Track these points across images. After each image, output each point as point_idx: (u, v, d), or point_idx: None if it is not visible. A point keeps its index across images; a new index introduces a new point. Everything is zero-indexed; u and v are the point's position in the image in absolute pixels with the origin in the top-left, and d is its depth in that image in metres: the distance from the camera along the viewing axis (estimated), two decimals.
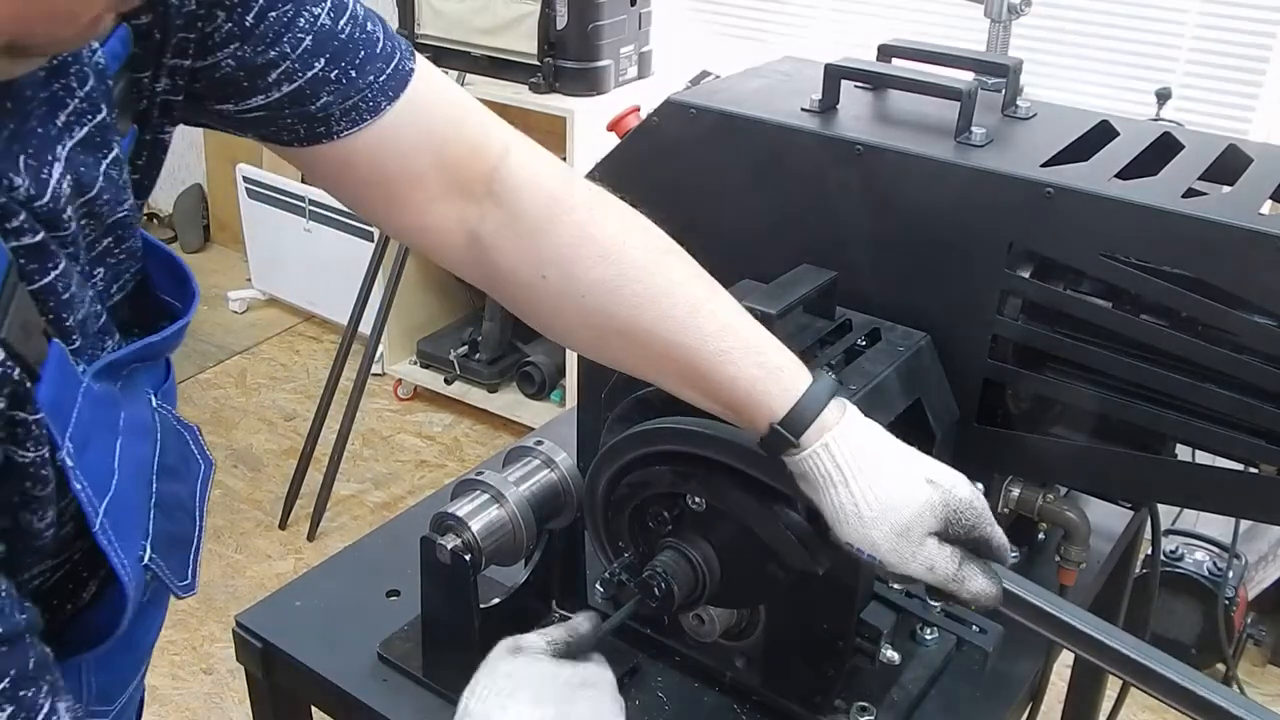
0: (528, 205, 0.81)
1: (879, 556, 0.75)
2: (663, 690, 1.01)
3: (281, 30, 0.70)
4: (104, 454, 0.63)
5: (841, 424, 0.76)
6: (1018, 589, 0.77)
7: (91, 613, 0.70)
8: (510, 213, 0.81)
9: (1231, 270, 0.87)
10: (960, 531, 0.76)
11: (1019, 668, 1.07)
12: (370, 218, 0.85)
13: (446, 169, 0.80)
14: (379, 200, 0.81)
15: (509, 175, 0.81)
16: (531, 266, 0.81)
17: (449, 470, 3.06)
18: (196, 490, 0.75)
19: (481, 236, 0.82)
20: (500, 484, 0.97)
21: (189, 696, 2.33)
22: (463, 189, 0.81)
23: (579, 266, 0.80)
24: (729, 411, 0.80)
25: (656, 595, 0.87)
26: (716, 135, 1.08)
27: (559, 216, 0.81)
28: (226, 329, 3.75)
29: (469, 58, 2.86)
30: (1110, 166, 0.97)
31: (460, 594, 0.94)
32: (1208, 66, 2.33)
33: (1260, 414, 0.88)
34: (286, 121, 0.74)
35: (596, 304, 0.80)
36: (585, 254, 0.80)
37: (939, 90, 1.05)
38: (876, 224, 1.02)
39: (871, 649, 0.91)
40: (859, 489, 0.75)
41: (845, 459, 0.75)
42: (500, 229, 0.81)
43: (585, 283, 0.80)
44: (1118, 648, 0.74)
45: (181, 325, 0.70)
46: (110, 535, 0.62)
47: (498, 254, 0.82)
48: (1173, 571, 2.27)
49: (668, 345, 0.79)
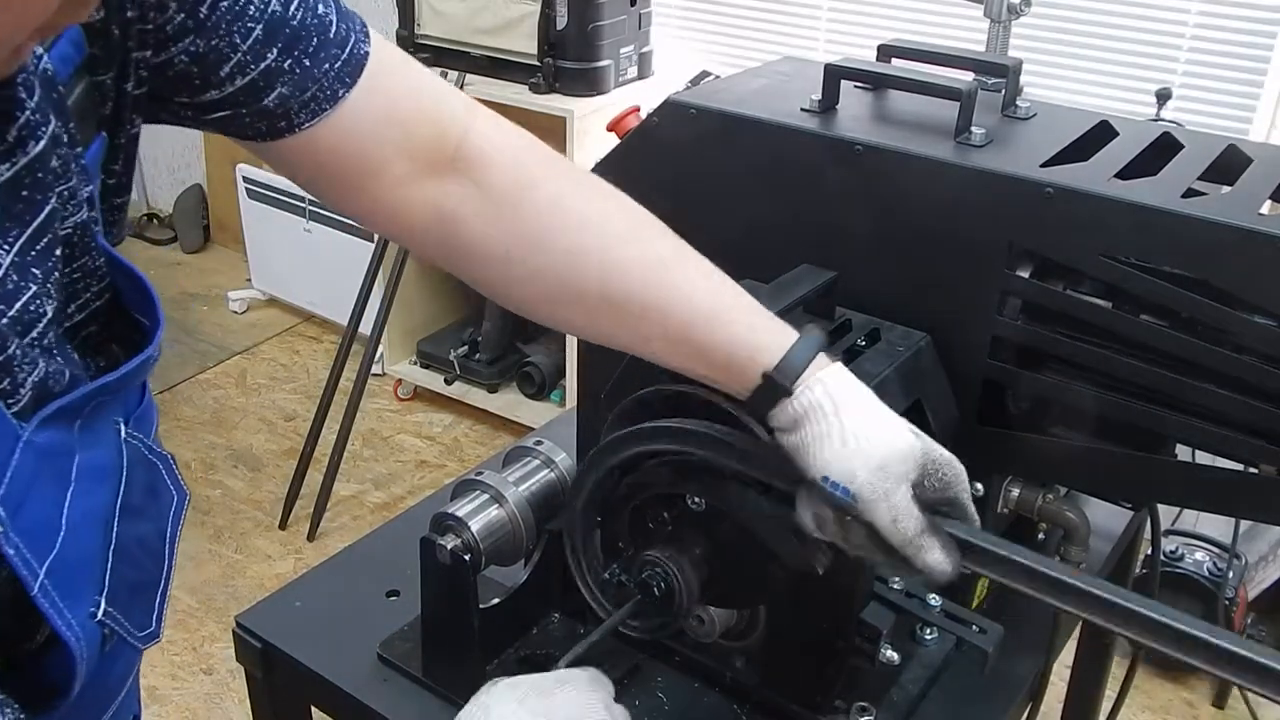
0: (497, 175, 0.80)
1: (853, 488, 0.74)
2: (663, 690, 1.01)
3: (233, 20, 0.67)
4: (48, 508, 0.58)
5: (831, 368, 0.77)
6: (987, 544, 0.77)
7: (46, 660, 0.64)
8: (478, 184, 0.79)
9: (1231, 270, 0.87)
10: (936, 486, 0.76)
11: (1019, 668, 1.07)
12: (335, 204, 0.82)
13: (410, 149, 0.78)
14: (344, 185, 0.79)
15: (474, 147, 0.80)
16: (500, 242, 0.80)
17: (449, 470, 3.06)
18: (167, 526, 0.71)
19: (449, 212, 0.80)
20: (500, 484, 0.97)
21: (189, 696, 2.33)
22: (428, 167, 0.79)
23: (550, 239, 0.79)
24: (716, 370, 0.79)
25: (656, 595, 0.87)
26: (716, 135, 1.08)
27: (533, 184, 0.80)
28: (226, 329, 3.75)
29: (469, 58, 2.86)
30: (1110, 166, 0.97)
31: (460, 594, 0.94)
32: (1208, 66, 2.33)
33: (1260, 414, 0.88)
34: (246, 119, 0.72)
35: (574, 277, 0.79)
36: (556, 227, 0.79)
37: (939, 90, 1.05)
38: (876, 224, 1.02)
39: (871, 649, 0.91)
40: (847, 419, 0.75)
41: (835, 393, 0.76)
42: (468, 201, 0.80)
43: (563, 247, 0.79)
44: (1098, 593, 0.72)
45: (141, 360, 0.64)
46: (54, 596, 0.58)
47: (466, 227, 0.80)
48: (1173, 571, 2.27)
49: (652, 307, 0.79)
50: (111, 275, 0.66)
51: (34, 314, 0.58)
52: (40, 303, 0.58)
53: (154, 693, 2.31)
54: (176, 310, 3.84)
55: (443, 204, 0.80)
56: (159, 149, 4.32)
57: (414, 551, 0.96)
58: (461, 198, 0.80)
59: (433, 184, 0.80)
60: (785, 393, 0.76)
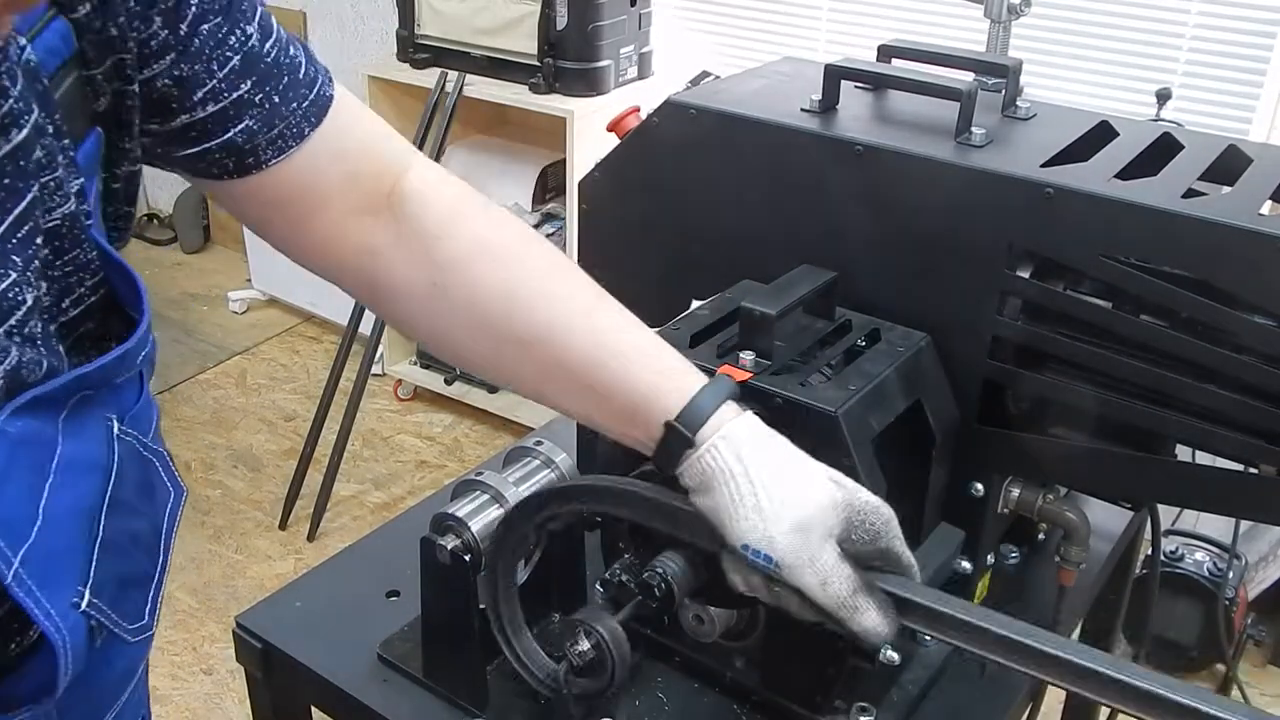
0: (425, 215, 0.81)
1: (775, 556, 0.71)
2: (663, 690, 1.01)
3: (215, 46, 0.69)
4: (23, 497, 0.58)
5: (739, 420, 0.75)
6: (924, 600, 0.73)
7: (35, 658, 0.65)
8: (408, 223, 0.81)
9: (1231, 270, 0.87)
10: (864, 537, 0.73)
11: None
12: (277, 241, 0.83)
13: (353, 190, 0.80)
14: (289, 222, 0.81)
15: (408, 187, 0.82)
16: (425, 274, 0.81)
17: (449, 470, 3.06)
18: (163, 522, 0.72)
19: (377, 250, 0.81)
20: (500, 484, 0.97)
21: (189, 696, 2.33)
22: (365, 206, 0.81)
23: (475, 273, 0.80)
24: (618, 419, 0.79)
25: (656, 595, 0.87)
26: (716, 136, 1.08)
27: (456, 224, 0.82)
28: (226, 329, 3.75)
29: (469, 58, 2.86)
30: (1110, 167, 0.97)
31: (460, 594, 0.94)
32: (1208, 66, 2.33)
33: (1260, 414, 0.88)
34: (215, 154, 0.73)
35: (492, 311, 0.80)
36: (482, 261, 0.81)
37: (939, 91, 1.05)
38: (876, 224, 1.02)
39: (872, 649, 0.91)
40: (759, 478, 0.72)
41: (744, 452, 0.73)
42: (397, 240, 0.81)
43: (481, 289, 0.80)
44: (1038, 646, 0.69)
45: (120, 353, 0.64)
46: (29, 585, 0.58)
47: (392, 265, 0.81)
48: (1173, 572, 2.27)
49: (564, 352, 0.79)
50: (105, 270, 0.67)
51: (11, 301, 0.58)
52: (19, 290, 0.58)
53: (154, 693, 2.30)
54: (176, 310, 3.84)
55: (370, 241, 0.82)
56: None
57: (414, 551, 0.96)
58: (389, 233, 0.81)
59: (366, 222, 0.81)
60: (688, 443, 0.74)
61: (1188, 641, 2.31)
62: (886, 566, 0.74)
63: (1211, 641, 2.26)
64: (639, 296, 1.15)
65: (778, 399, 0.87)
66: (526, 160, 3.08)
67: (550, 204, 3.03)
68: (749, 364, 0.90)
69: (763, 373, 0.90)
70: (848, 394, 0.88)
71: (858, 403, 0.88)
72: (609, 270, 1.19)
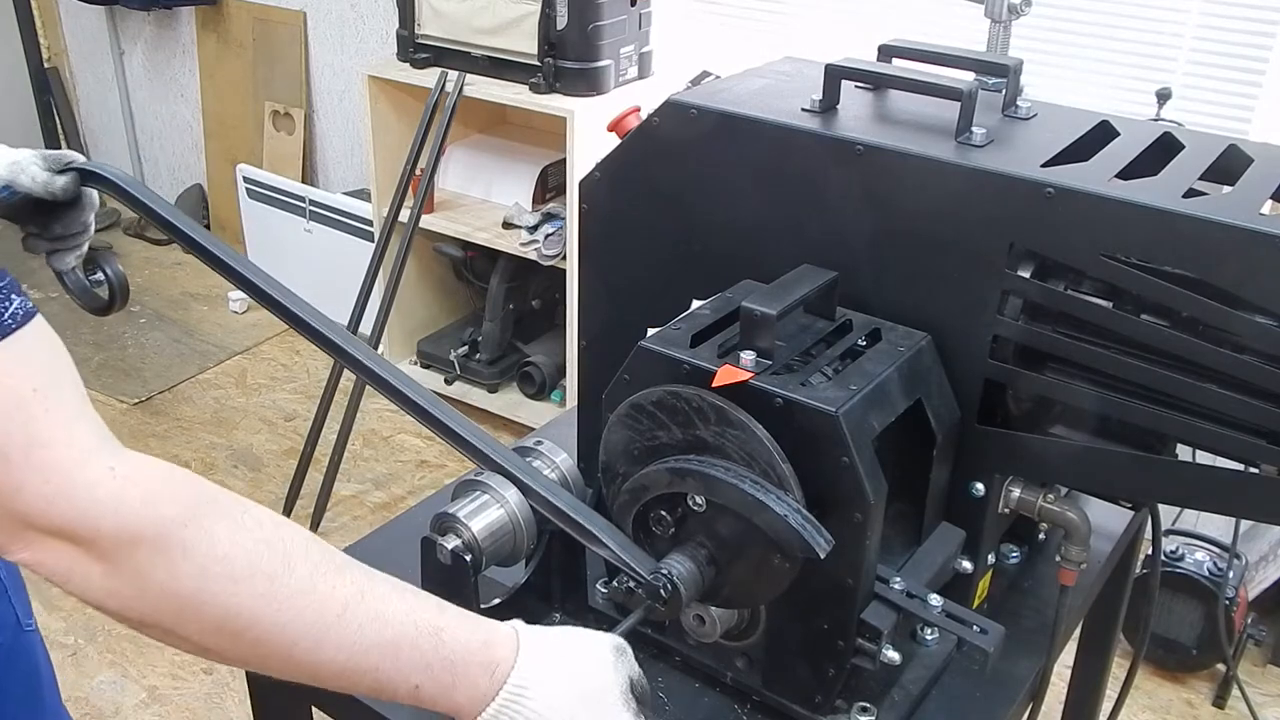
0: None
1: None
2: (663, 690, 1.01)
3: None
4: None
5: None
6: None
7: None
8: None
9: (1232, 270, 0.87)
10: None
11: (1019, 668, 1.07)
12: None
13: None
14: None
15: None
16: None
17: (449, 470, 3.06)
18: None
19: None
20: (500, 484, 0.97)
21: (189, 696, 2.33)
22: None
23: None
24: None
25: (664, 598, 0.87)
26: (717, 135, 1.08)
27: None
28: (226, 329, 3.75)
29: (469, 58, 2.86)
30: (1110, 166, 0.97)
31: (460, 594, 0.94)
32: (1208, 66, 2.33)
33: (1260, 414, 0.88)
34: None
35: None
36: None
37: (939, 90, 1.05)
38: (877, 224, 1.02)
39: (872, 649, 0.91)
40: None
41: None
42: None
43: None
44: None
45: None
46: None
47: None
48: (1173, 571, 2.27)
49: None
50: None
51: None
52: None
53: (154, 692, 2.31)
54: (176, 310, 3.84)
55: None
56: (159, 149, 4.33)
57: (414, 551, 0.96)
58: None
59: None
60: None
61: (1188, 641, 2.31)
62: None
63: (1212, 641, 2.26)
64: (639, 296, 1.16)
65: (778, 399, 0.88)
66: (527, 160, 3.08)
67: (550, 204, 3.03)
68: (749, 364, 0.90)
69: (763, 372, 0.90)
70: (848, 394, 0.88)
71: (858, 403, 0.88)
72: (609, 270, 1.19)
